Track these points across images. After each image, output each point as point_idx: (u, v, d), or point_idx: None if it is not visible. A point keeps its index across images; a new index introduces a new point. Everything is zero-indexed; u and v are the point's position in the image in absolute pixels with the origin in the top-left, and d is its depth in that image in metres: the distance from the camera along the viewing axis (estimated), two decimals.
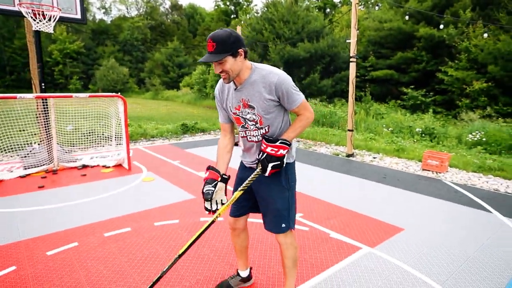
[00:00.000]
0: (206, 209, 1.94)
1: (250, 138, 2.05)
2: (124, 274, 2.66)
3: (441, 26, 14.31)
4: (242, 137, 2.10)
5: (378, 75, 16.84)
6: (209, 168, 2.01)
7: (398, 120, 10.99)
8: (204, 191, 1.92)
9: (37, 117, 5.95)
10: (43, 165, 5.54)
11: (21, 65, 32.64)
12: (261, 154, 1.94)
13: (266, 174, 1.95)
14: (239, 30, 9.23)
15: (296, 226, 3.57)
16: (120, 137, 6.04)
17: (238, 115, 2.01)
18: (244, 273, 2.51)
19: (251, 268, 2.58)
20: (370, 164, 6.49)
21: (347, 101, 14.85)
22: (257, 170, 1.97)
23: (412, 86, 14.81)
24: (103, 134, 6.85)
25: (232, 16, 42.23)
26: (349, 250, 3.11)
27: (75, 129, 6.32)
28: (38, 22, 4.99)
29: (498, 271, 2.80)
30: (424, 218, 3.87)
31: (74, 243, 3.17)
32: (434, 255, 3.04)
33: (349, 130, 6.96)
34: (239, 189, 2.01)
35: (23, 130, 6.23)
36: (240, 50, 1.82)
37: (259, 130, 1.99)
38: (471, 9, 14.52)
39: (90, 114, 6.10)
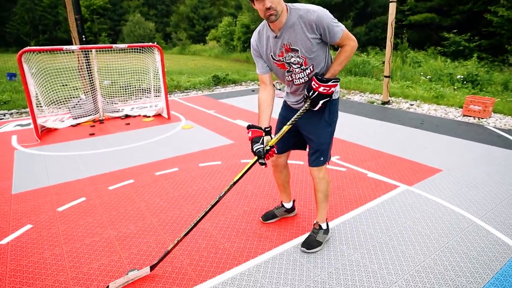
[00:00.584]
0: (262, 163, 2.00)
1: (296, 81, 2.08)
2: (179, 205, 2.96)
3: None
4: (287, 81, 2.12)
5: (416, 19, 15.59)
6: (250, 127, 2.05)
7: (438, 67, 10.40)
8: (255, 150, 1.96)
9: (79, 70, 6.24)
10: (90, 115, 5.91)
11: (52, 23, 33.28)
12: (312, 92, 1.99)
13: (316, 109, 2.04)
14: None
15: (333, 167, 3.71)
16: (158, 89, 6.25)
17: (282, 61, 2.01)
18: (288, 205, 2.71)
19: (294, 201, 2.77)
20: (407, 111, 6.35)
21: (381, 49, 14.16)
22: (306, 105, 2.05)
23: (455, 31, 13.70)
24: (140, 87, 7.09)
25: None
26: (387, 187, 3.22)
27: (114, 83, 6.58)
28: None
29: None
30: (463, 160, 3.86)
31: (131, 180, 3.50)
32: (473, 193, 3.09)
33: (385, 76, 6.74)
34: (288, 123, 2.09)
35: (66, 85, 6.58)
36: None
37: (304, 72, 2.02)
38: None
39: (129, 67, 6.28)
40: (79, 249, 2.36)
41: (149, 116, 6.12)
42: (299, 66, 2.00)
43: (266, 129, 2.05)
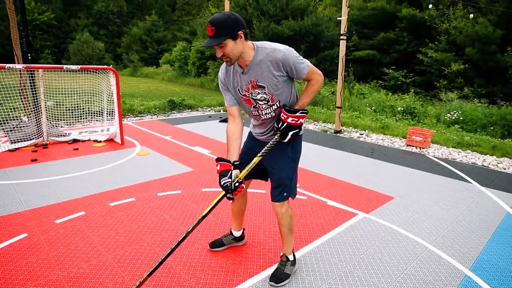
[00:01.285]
0: (229, 198, 1.97)
1: (262, 116, 2.10)
2: (137, 239, 2.76)
3: (430, 6, 14.47)
4: (254, 115, 2.14)
5: (360, 55, 17.06)
6: (218, 160, 2.03)
7: (381, 100, 11.33)
8: (222, 184, 1.94)
9: (20, 90, 5.74)
10: (32, 139, 5.41)
11: None
12: (281, 124, 2.01)
13: (286, 140, 2.06)
14: (227, 5, 9.05)
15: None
16: (111, 112, 5.95)
17: (248, 97, 2.04)
18: (237, 233, 2.70)
19: (244, 229, 2.76)
20: (358, 140, 6.76)
21: (329, 80, 15.11)
22: (276, 137, 2.07)
23: (393, 67, 15.18)
24: (89, 110, 6.69)
25: None
26: (346, 216, 3.34)
27: (59, 104, 6.13)
28: None
29: (480, 229, 3.11)
30: (411, 188, 4.16)
31: (81, 212, 3.21)
32: (422, 219, 3.32)
33: (337, 107, 7.16)
34: (259, 155, 2.09)
35: (0, 104, 5.98)
36: (240, 32, 1.80)
37: (271, 107, 2.06)
38: None
39: (79, 89, 5.93)
40: None
41: (100, 141, 5.75)
42: (266, 102, 2.03)
43: (235, 163, 2.04)
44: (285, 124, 2.01)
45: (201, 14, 29.14)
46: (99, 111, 6.36)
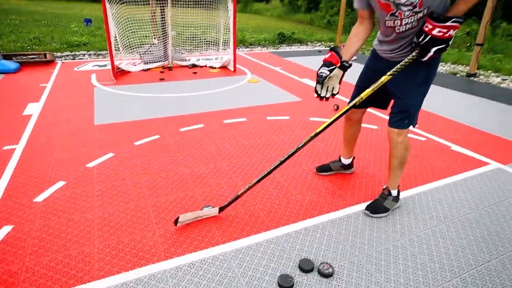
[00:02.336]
0: (316, 92, 1.86)
1: (399, 28, 1.76)
2: (248, 153, 2.94)
3: None
4: (387, 27, 1.81)
5: None
6: (332, 49, 1.86)
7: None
8: (318, 72, 1.81)
9: (151, 17, 6.32)
10: (160, 61, 6.05)
11: None
12: (423, 37, 1.66)
13: (425, 59, 1.71)
14: None
15: (410, 135, 3.41)
16: (226, 42, 6.16)
17: (389, 1, 1.69)
18: (346, 161, 2.58)
19: (353, 158, 2.61)
20: (498, 86, 5.60)
21: (466, 18, 12.45)
22: (414, 53, 1.75)
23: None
24: (205, 39, 7.04)
25: None
26: (474, 163, 2.89)
27: (180, 34, 6.58)
28: None
29: None
30: None
31: (200, 124, 3.54)
32: None
33: (477, 44, 5.92)
34: (388, 73, 1.82)
35: (135, 32, 6.71)
36: None
37: (415, 16, 1.69)
38: None
39: (198, 21, 6.22)
40: (156, 181, 2.45)
41: (215, 67, 6.11)
42: (412, 7, 1.66)
43: (344, 63, 1.84)
44: (428, 37, 1.64)
45: None
46: (215, 41, 6.65)
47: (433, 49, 1.67)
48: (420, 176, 2.66)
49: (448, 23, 1.59)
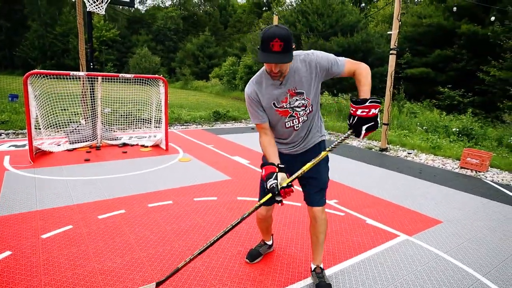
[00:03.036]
0: (278, 201, 1.85)
1: (298, 126, 2.05)
2: (169, 241, 2.82)
3: (492, 18, 13.49)
4: (287, 127, 2.05)
5: (413, 72, 16.28)
6: (263, 165, 1.95)
7: (433, 119, 10.65)
8: (268, 187, 1.82)
9: (82, 96, 6.28)
10: (87, 141, 5.86)
11: (61, 51, 34.28)
12: (352, 118, 1.79)
13: (361, 137, 1.82)
14: (275, 20, 9.23)
15: (331, 211, 3.62)
16: (159, 120, 6.27)
17: (286, 108, 1.98)
18: (269, 242, 2.70)
19: (273, 235, 2.75)
20: (405, 159, 6.37)
21: (378, 98, 14.59)
22: (349, 132, 1.83)
23: (449, 86, 14.25)
24: (140, 117, 7.11)
25: (264, 8, 42.13)
26: (386, 236, 3.12)
27: (114, 111, 6.60)
28: (91, 4, 5.24)
29: None
30: (463, 213, 3.79)
31: (122, 210, 3.37)
32: (475, 248, 2.99)
33: (384, 123, 6.85)
34: (328, 149, 1.90)
35: (65, 109, 6.57)
36: (293, 46, 1.76)
37: (306, 112, 2.02)
38: None
39: (132, 98, 6.35)
40: (59, 282, 2.19)
41: (147, 146, 6.07)
42: (304, 108, 2.01)
43: (280, 166, 1.92)
44: (356, 118, 1.77)
45: (251, 30, 30.07)
46: (148, 119, 6.74)
47: (364, 127, 1.77)
48: (339, 253, 2.77)
49: (367, 104, 1.75)
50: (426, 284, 2.41)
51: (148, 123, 6.87)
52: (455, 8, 13.02)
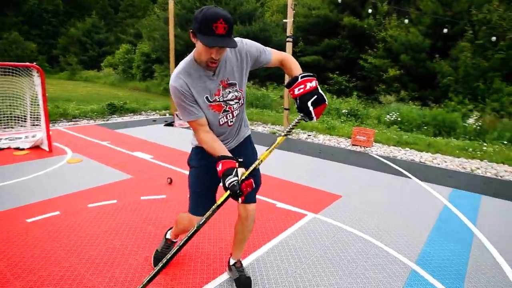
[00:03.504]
0: (236, 199, 1.58)
1: (232, 120, 1.86)
2: (57, 260, 2.36)
3: (370, 11, 15.29)
4: (221, 124, 1.82)
5: (306, 60, 17.55)
6: (220, 158, 1.62)
7: (327, 103, 11.70)
8: (227, 184, 1.55)
9: None
10: None
11: None
12: (295, 103, 1.65)
13: (314, 118, 1.63)
14: (171, 6, 8.69)
15: None
16: (37, 117, 5.29)
17: (219, 101, 1.77)
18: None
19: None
20: (306, 141, 6.80)
21: (278, 84, 15.32)
22: (299, 117, 1.66)
23: (337, 72, 15.85)
24: (11, 114, 5.90)
25: None
26: (296, 217, 3.23)
27: None
28: None
29: (422, 222, 3.19)
30: (357, 186, 4.20)
31: None
32: (370, 217, 3.32)
33: (285, 109, 7.16)
34: (283, 134, 1.73)
35: None
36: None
37: (239, 105, 1.85)
38: (387, 3, 15.94)
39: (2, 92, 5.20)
40: None
41: (23, 149, 5.06)
42: (237, 100, 1.83)
43: (239, 159, 1.65)
44: (298, 100, 1.62)
45: (146, 16, 28.05)
46: (23, 116, 5.63)
47: (309, 103, 1.60)
48: (253, 242, 2.73)
49: (299, 80, 1.62)
50: (334, 257, 2.56)
51: (22, 120, 5.74)
52: (340, 0, 14.31)
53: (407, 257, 2.61)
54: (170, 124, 7.63)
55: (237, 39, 1.74)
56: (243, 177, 1.59)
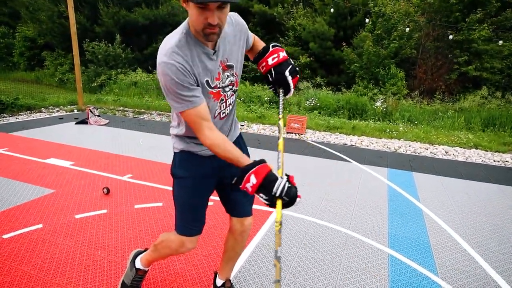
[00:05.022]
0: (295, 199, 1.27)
1: (224, 111, 1.51)
2: None
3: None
4: (214, 118, 1.47)
5: None
6: (255, 164, 1.27)
7: (247, 91, 11.70)
8: (280, 193, 1.23)
9: None
10: None
11: None
12: (270, 75, 1.49)
13: (292, 88, 1.50)
14: None
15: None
16: None
17: (219, 87, 1.43)
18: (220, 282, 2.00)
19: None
20: (241, 131, 6.63)
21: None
22: (280, 94, 1.50)
23: (251, 60, 15.99)
24: None
25: None
26: (262, 215, 3.07)
27: None
28: None
29: (376, 204, 3.36)
30: (303, 174, 4.24)
31: None
32: (330, 205, 3.36)
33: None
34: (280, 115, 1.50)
35: None
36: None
37: (234, 94, 1.52)
38: None
39: None
40: None
41: None
42: (231, 87, 1.49)
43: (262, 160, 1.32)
44: (272, 70, 1.47)
45: None
46: None
47: (287, 73, 1.47)
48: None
49: (271, 50, 1.50)
50: (316, 254, 2.48)
51: None
52: None
53: (380, 242, 2.69)
54: (83, 121, 6.56)
55: (233, 14, 1.46)
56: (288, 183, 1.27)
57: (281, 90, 1.51)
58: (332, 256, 2.47)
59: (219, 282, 1.96)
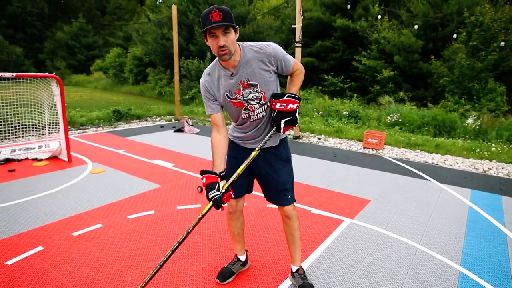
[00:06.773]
0: (219, 209, 1.86)
1: (254, 118, 1.99)
2: (117, 273, 2.37)
3: (348, 6, 15.45)
4: (243, 119, 2.00)
5: (301, 62, 17.70)
6: (204, 173, 1.91)
7: (326, 105, 11.86)
8: (210, 198, 1.83)
9: None
10: None
11: None
12: (273, 113, 1.94)
13: (281, 133, 1.96)
14: (174, 11, 8.68)
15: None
16: (54, 125, 5.22)
17: (240, 99, 1.93)
18: (242, 257, 2.47)
19: (246, 251, 2.55)
20: (318, 145, 6.91)
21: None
22: (272, 130, 1.96)
23: (332, 73, 16.06)
24: (28, 123, 5.79)
25: None
26: (333, 223, 3.31)
27: None
28: None
29: (454, 224, 3.32)
30: (382, 189, 4.32)
31: (38, 247, 2.68)
32: (403, 220, 3.43)
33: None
34: (257, 148, 1.97)
35: None
36: (237, 27, 1.78)
37: (263, 107, 1.97)
38: (378, 5, 16.27)
39: (12, 100, 5.10)
40: None
41: (41, 159, 4.99)
42: (258, 101, 1.94)
43: (221, 174, 1.93)
44: (275, 112, 1.92)
45: (134, 19, 27.73)
46: (36, 125, 5.54)
47: (282, 121, 1.91)
48: (302, 249, 2.79)
49: (284, 98, 1.89)
50: (384, 262, 2.65)
51: (34, 130, 5.65)
52: None
53: (452, 259, 2.72)
54: (180, 130, 7.62)
55: (264, 43, 1.90)
56: (223, 190, 1.86)
57: (274, 128, 1.94)
58: (399, 265, 2.61)
59: (294, 268, 2.31)
